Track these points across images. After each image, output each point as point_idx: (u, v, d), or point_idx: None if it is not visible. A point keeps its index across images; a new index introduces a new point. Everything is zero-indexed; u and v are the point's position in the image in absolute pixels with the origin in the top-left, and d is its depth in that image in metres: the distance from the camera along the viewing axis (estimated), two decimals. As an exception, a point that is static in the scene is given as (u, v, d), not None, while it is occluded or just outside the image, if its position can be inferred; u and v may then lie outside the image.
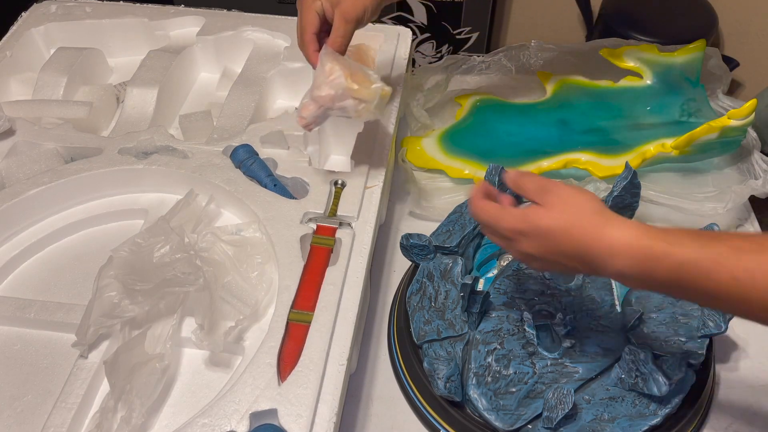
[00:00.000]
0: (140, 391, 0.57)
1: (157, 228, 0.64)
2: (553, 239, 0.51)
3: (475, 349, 0.64)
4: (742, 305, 0.44)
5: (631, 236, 0.48)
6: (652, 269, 0.47)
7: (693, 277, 0.45)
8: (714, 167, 0.87)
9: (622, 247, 0.48)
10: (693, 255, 0.45)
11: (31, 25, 0.93)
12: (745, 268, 0.43)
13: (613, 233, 0.49)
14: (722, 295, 0.44)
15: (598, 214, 0.50)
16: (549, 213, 0.51)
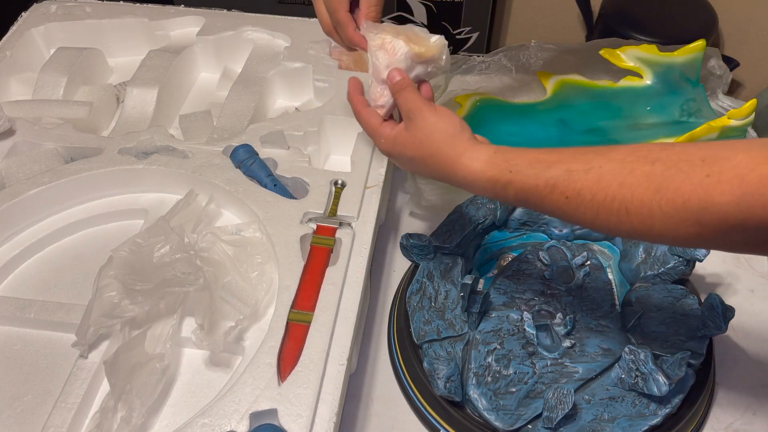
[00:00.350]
0: (140, 391, 0.57)
1: (157, 228, 0.64)
2: (417, 163, 0.58)
3: (475, 349, 0.64)
4: (577, 219, 0.50)
5: (479, 168, 0.54)
6: (502, 194, 0.54)
7: (535, 199, 0.51)
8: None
9: (474, 178, 0.54)
10: (531, 182, 0.51)
11: (31, 25, 0.93)
12: (574, 188, 0.48)
13: (465, 163, 0.55)
14: (560, 212, 0.50)
15: (451, 144, 0.56)
16: (412, 142, 0.58)
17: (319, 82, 0.89)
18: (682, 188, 0.43)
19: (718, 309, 0.64)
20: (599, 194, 0.47)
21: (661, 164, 0.45)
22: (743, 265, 0.80)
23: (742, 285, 0.77)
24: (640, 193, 0.45)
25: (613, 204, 0.46)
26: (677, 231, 0.44)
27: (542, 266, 0.72)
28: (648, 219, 0.45)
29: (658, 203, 0.44)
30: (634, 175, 0.46)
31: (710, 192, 0.42)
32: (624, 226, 0.47)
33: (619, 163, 0.47)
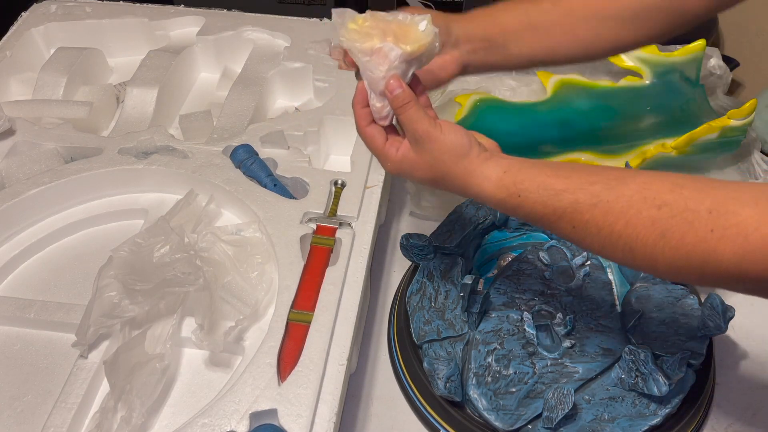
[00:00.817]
0: (140, 391, 0.57)
1: (157, 228, 0.64)
2: (430, 184, 0.57)
3: (475, 349, 0.64)
4: (584, 246, 0.51)
5: (490, 189, 0.54)
6: (512, 213, 0.54)
7: (543, 223, 0.52)
8: (714, 167, 0.87)
9: (485, 198, 0.54)
10: (539, 208, 0.51)
11: (31, 25, 0.93)
12: (581, 219, 0.49)
13: (476, 183, 0.54)
14: (567, 238, 0.51)
15: (460, 163, 0.55)
16: (420, 165, 0.56)
17: (319, 82, 0.89)
18: (686, 239, 0.44)
19: (718, 309, 0.64)
20: (605, 229, 0.48)
21: (668, 210, 0.45)
22: (743, 265, 0.80)
23: (742, 285, 0.77)
24: (645, 236, 0.46)
25: (618, 241, 0.47)
26: (680, 274, 0.46)
27: (542, 266, 0.72)
28: (651, 261, 0.46)
29: (662, 249, 0.45)
30: (640, 217, 0.46)
31: (713, 247, 0.42)
32: (628, 262, 0.48)
33: (627, 201, 0.47)
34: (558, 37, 0.66)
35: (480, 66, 0.66)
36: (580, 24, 0.65)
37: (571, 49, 0.66)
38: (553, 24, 0.65)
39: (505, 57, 0.66)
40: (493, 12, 0.66)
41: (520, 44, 0.65)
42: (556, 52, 0.67)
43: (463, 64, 0.65)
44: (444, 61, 0.64)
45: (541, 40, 0.66)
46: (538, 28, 0.65)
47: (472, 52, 0.65)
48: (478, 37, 0.65)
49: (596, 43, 0.66)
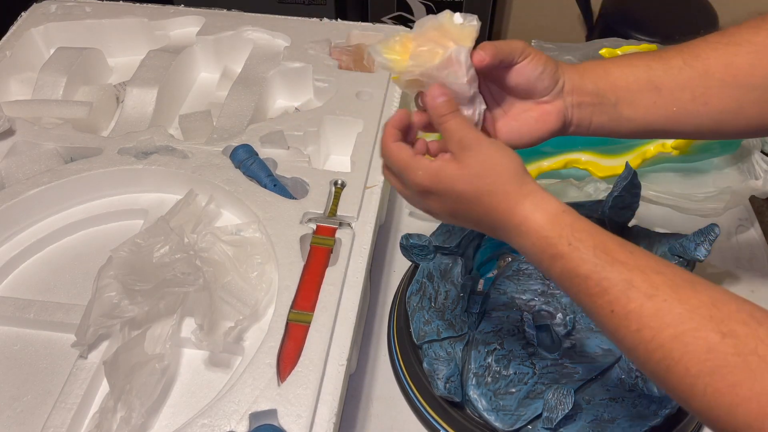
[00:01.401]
0: (140, 391, 0.57)
1: (157, 228, 0.64)
2: (464, 203, 0.48)
3: (474, 349, 0.64)
4: (609, 335, 0.44)
5: (540, 222, 0.46)
6: (546, 263, 0.46)
7: (577, 289, 0.45)
8: (714, 167, 0.87)
9: (529, 231, 0.46)
10: (583, 270, 0.44)
11: (31, 25, 0.93)
12: (625, 307, 0.42)
13: (526, 213, 0.46)
14: (596, 318, 0.45)
15: (514, 182, 0.47)
16: (463, 175, 0.48)
17: (319, 82, 0.89)
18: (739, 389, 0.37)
19: (718, 309, 0.64)
20: (646, 331, 0.41)
21: (733, 343, 0.38)
22: (744, 265, 0.80)
23: (742, 285, 0.77)
24: (691, 363, 0.39)
25: (656, 352, 0.40)
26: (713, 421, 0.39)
27: (542, 266, 0.72)
28: (687, 392, 0.39)
29: (705, 386, 0.38)
30: (696, 336, 0.39)
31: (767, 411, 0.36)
32: (655, 376, 0.42)
33: (689, 310, 0.40)
34: (685, 104, 0.53)
35: (583, 125, 0.56)
36: (716, 90, 0.53)
37: (700, 119, 0.54)
38: (681, 86, 0.53)
39: (614, 119, 0.55)
40: (606, 64, 0.55)
41: (636, 106, 0.54)
42: (681, 121, 0.54)
43: (564, 118, 0.55)
44: (544, 112, 0.54)
45: (664, 104, 0.53)
46: (662, 90, 0.53)
47: (576, 105, 0.55)
48: (588, 89, 0.54)
49: (733, 116, 0.53)
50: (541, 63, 0.53)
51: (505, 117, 0.56)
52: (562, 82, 0.54)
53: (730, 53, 0.53)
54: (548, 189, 0.82)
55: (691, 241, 0.68)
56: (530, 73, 0.53)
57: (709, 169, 0.87)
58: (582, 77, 0.54)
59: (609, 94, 0.54)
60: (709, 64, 0.53)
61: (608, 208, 0.71)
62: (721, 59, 0.53)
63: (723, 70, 0.52)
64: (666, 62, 0.54)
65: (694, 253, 0.68)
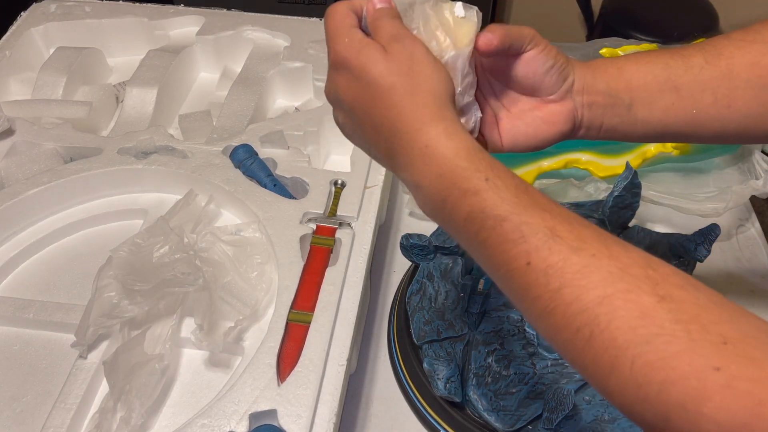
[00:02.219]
0: (140, 391, 0.57)
1: (157, 228, 0.64)
2: (372, 93, 0.42)
3: (475, 349, 0.64)
4: (516, 297, 0.37)
5: (454, 149, 0.40)
6: (455, 200, 0.39)
7: (489, 234, 0.37)
8: (715, 167, 0.87)
9: (437, 156, 0.40)
10: (500, 211, 0.37)
11: (31, 25, 0.93)
12: (545, 259, 0.36)
13: (438, 134, 0.40)
14: (506, 272, 0.37)
15: (436, 99, 0.41)
16: (387, 64, 0.42)
17: (319, 81, 0.89)
18: (677, 363, 0.31)
19: (718, 309, 0.63)
20: (568, 291, 0.34)
21: (670, 308, 0.32)
22: (744, 266, 0.80)
23: (742, 286, 0.77)
24: (620, 331, 0.32)
25: (577, 317, 0.34)
26: (635, 404, 0.32)
27: (542, 266, 0.71)
28: (607, 367, 0.33)
29: (633, 358, 0.32)
30: (628, 299, 0.33)
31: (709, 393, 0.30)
32: (569, 348, 0.35)
33: (620, 269, 0.34)
34: (707, 106, 0.49)
35: (594, 127, 0.51)
36: (741, 92, 0.48)
37: (723, 123, 0.49)
38: (702, 87, 0.48)
39: (628, 122, 0.50)
40: (620, 62, 0.51)
41: (652, 108, 0.49)
42: (701, 124, 0.49)
43: (574, 119, 0.50)
44: (552, 111, 0.49)
45: (683, 106, 0.49)
46: (681, 90, 0.49)
47: (587, 106, 0.50)
48: (599, 89, 0.50)
49: (758, 120, 0.49)
50: (552, 56, 0.49)
51: (509, 116, 0.50)
52: (572, 79, 0.49)
53: (756, 52, 0.48)
54: (548, 189, 0.83)
55: (691, 241, 0.68)
56: (539, 66, 0.48)
57: (710, 169, 0.87)
58: (594, 75, 0.50)
59: (623, 94, 0.49)
60: (733, 63, 0.48)
61: (609, 208, 0.71)
62: (746, 58, 0.48)
63: (749, 69, 0.48)
64: (686, 60, 0.49)
65: (694, 253, 0.68)
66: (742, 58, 0.48)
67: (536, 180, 0.82)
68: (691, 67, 0.49)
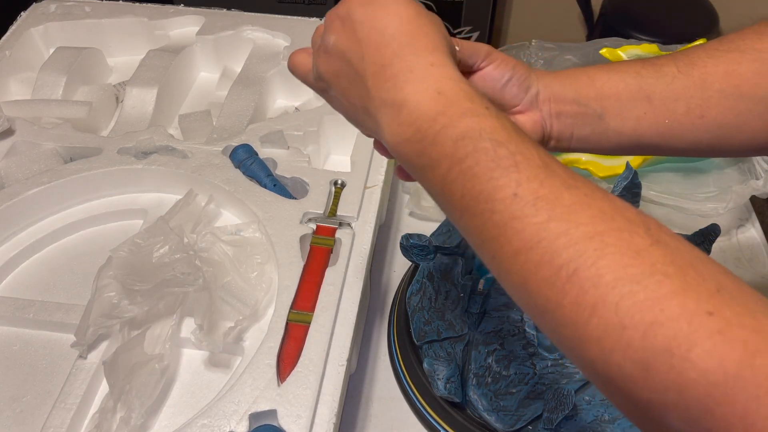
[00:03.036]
0: (139, 391, 0.57)
1: (157, 228, 0.64)
2: (365, 25, 0.40)
3: (475, 349, 0.64)
4: (498, 228, 0.34)
5: (457, 76, 0.39)
6: (445, 118, 0.37)
7: (480, 157, 0.35)
8: (715, 167, 0.87)
9: (441, 74, 0.38)
10: (501, 137, 0.35)
11: (31, 25, 0.93)
12: (534, 192, 0.33)
13: (447, 60, 0.39)
14: (487, 200, 0.34)
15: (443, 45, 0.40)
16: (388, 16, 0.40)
17: (319, 81, 0.88)
18: (667, 305, 0.29)
19: (718, 309, 0.63)
20: (556, 224, 0.32)
21: (664, 252, 0.30)
22: (744, 265, 0.79)
23: (742, 285, 0.77)
24: (609, 268, 0.30)
25: (562, 252, 0.32)
26: (616, 348, 0.30)
27: (542, 266, 0.71)
28: (587, 308, 0.30)
29: (620, 297, 0.29)
30: (621, 237, 0.31)
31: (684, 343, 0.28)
32: (545, 286, 0.32)
33: (613, 209, 0.32)
34: (679, 116, 0.48)
35: (564, 138, 0.49)
36: (715, 102, 0.47)
37: (696, 133, 0.48)
38: (675, 96, 0.47)
39: (600, 131, 0.49)
40: (591, 71, 0.49)
41: (624, 117, 0.48)
42: (674, 134, 0.48)
43: (542, 130, 0.49)
44: (518, 123, 0.47)
45: (655, 116, 0.48)
46: (653, 99, 0.48)
47: (555, 115, 0.48)
48: (568, 97, 0.48)
49: (735, 131, 0.48)
50: (509, 69, 0.47)
51: None
52: (535, 90, 0.48)
53: (731, 60, 0.47)
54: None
55: (691, 241, 0.68)
56: (496, 80, 0.47)
57: (710, 169, 0.87)
58: (563, 84, 0.49)
59: (594, 103, 0.48)
60: (707, 72, 0.47)
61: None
62: (720, 67, 0.47)
63: (723, 79, 0.47)
64: (658, 69, 0.48)
65: (694, 253, 0.68)
66: (715, 67, 0.48)
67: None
68: (664, 76, 0.48)
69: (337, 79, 0.44)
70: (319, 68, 0.44)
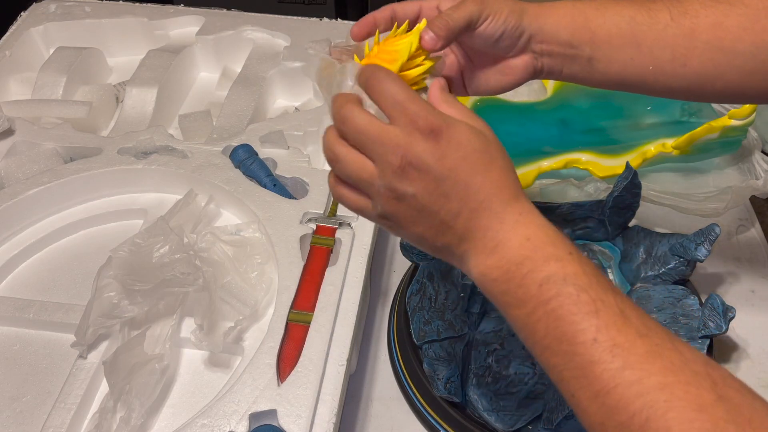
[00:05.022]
0: (139, 391, 0.57)
1: (157, 228, 0.64)
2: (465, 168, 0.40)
3: (475, 349, 0.64)
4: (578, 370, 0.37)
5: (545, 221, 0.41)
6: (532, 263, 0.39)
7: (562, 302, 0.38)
8: (715, 167, 0.87)
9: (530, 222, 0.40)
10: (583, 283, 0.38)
11: (31, 25, 0.93)
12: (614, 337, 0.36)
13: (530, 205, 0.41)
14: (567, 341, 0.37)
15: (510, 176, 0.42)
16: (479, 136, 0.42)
17: (319, 81, 0.88)
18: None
19: (718, 309, 0.64)
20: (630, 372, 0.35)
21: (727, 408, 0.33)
22: (744, 265, 0.79)
23: (742, 285, 0.77)
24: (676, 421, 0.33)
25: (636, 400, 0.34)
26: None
27: (542, 266, 0.71)
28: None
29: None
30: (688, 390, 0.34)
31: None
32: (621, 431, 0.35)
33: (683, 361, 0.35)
34: (663, 63, 0.50)
35: (554, 73, 0.53)
36: (699, 52, 0.49)
37: (676, 79, 0.51)
38: (663, 43, 0.50)
39: (587, 72, 0.52)
40: (588, 11, 0.51)
41: (611, 61, 0.51)
42: (655, 79, 0.51)
43: (534, 68, 0.51)
44: (510, 65, 0.51)
45: (642, 62, 0.50)
46: (641, 46, 0.50)
47: (547, 55, 0.51)
48: (561, 39, 0.50)
49: (711, 81, 0.50)
50: (500, 23, 0.48)
51: (470, 66, 0.52)
52: (528, 35, 0.50)
53: (720, 13, 0.49)
54: (548, 189, 0.83)
55: (691, 241, 0.68)
56: (489, 37, 0.49)
57: (710, 169, 0.87)
58: (557, 24, 0.50)
59: (585, 46, 0.50)
60: (697, 23, 0.49)
61: (608, 208, 0.71)
62: (710, 18, 0.49)
63: (710, 30, 0.49)
64: (653, 16, 0.50)
65: (694, 253, 0.68)
66: (706, 18, 0.49)
67: (536, 180, 0.82)
68: (656, 23, 0.50)
69: (412, 223, 0.43)
70: (387, 210, 0.43)
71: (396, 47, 0.47)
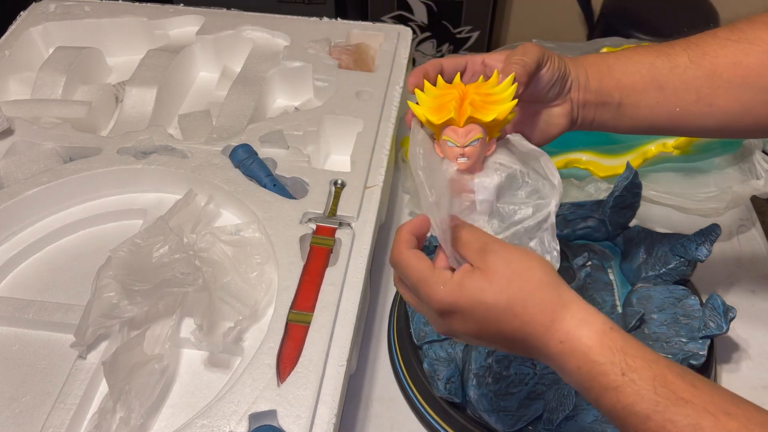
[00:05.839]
0: (139, 391, 0.57)
1: (156, 228, 0.64)
2: (492, 319, 0.42)
3: (475, 350, 0.64)
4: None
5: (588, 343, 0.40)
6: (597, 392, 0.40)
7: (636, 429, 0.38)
8: (715, 167, 0.87)
9: (574, 352, 0.40)
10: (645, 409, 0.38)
11: (30, 25, 0.93)
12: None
13: (568, 328, 0.40)
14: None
15: (550, 288, 0.42)
16: (492, 283, 0.41)
17: (319, 81, 0.88)
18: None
19: (719, 309, 0.63)
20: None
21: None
22: (744, 265, 0.79)
23: (743, 285, 0.77)
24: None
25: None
26: None
27: (543, 266, 0.71)
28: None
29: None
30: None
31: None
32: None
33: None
34: (689, 104, 0.51)
35: (586, 122, 0.54)
36: (723, 91, 0.51)
37: (704, 120, 0.52)
38: (686, 86, 0.51)
39: (618, 118, 0.53)
40: (609, 60, 0.53)
41: (638, 105, 0.53)
42: (684, 121, 0.52)
43: (572, 117, 0.53)
44: (554, 114, 0.53)
45: (667, 104, 0.52)
46: (665, 89, 0.52)
47: (582, 105, 0.53)
48: (592, 88, 0.52)
49: (739, 118, 0.51)
50: (557, 68, 0.50)
51: (517, 119, 0.53)
52: (570, 82, 0.52)
53: (740, 51, 0.50)
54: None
55: (692, 241, 0.68)
56: (547, 81, 0.51)
57: (711, 169, 0.87)
58: (587, 74, 0.53)
59: (613, 92, 0.52)
60: (717, 63, 0.50)
61: (609, 208, 0.71)
62: (729, 58, 0.50)
63: (731, 69, 0.50)
64: (671, 60, 0.52)
65: (695, 253, 0.68)
66: (725, 57, 0.51)
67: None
68: (676, 67, 0.52)
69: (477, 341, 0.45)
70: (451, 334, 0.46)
71: (492, 91, 0.48)
